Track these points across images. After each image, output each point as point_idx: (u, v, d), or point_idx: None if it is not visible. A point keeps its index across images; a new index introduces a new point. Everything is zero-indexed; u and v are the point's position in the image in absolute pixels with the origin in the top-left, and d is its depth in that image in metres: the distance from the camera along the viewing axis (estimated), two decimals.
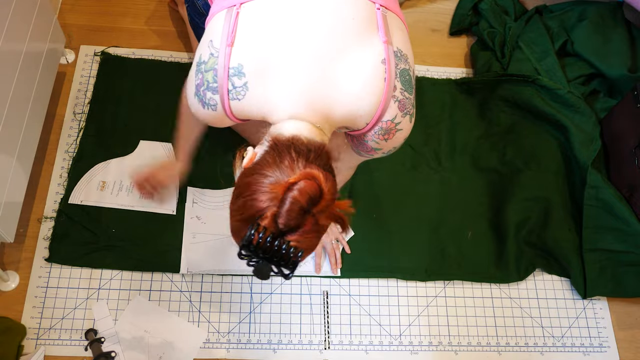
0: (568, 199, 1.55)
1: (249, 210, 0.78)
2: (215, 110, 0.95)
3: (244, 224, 0.79)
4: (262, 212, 0.77)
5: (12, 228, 1.25)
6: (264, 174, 0.79)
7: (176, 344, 1.29)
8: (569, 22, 1.80)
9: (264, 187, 0.78)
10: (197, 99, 0.96)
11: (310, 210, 0.76)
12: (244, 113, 0.94)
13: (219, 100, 0.93)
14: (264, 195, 0.77)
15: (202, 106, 0.96)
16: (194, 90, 0.96)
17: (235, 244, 0.84)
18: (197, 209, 1.45)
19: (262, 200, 0.77)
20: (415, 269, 1.44)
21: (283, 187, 0.76)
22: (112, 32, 1.69)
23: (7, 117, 1.18)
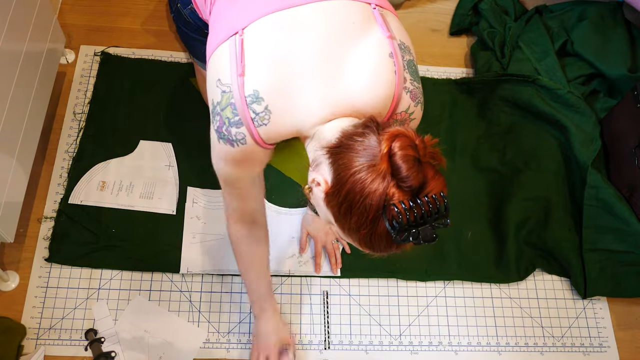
0: (568, 199, 1.55)
1: (371, 206, 0.75)
2: (246, 143, 0.91)
3: (376, 222, 0.77)
4: (384, 194, 0.74)
5: (12, 228, 1.25)
6: (354, 172, 0.76)
7: (176, 344, 1.29)
8: (569, 22, 1.80)
9: (367, 178, 0.75)
10: (224, 141, 0.92)
11: (420, 159, 0.77)
12: (275, 136, 0.91)
13: (246, 132, 0.89)
14: (374, 183, 0.74)
15: (232, 145, 0.92)
16: (216, 136, 0.93)
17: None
18: (197, 209, 1.45)
19: (375, 188, 0.74)
20: (415, 269, 1.44)
21: (384, 160, 0.74)
22: (112, 32, 1.69)
23: (7, 117, 1.18)
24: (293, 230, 1.45)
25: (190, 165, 1.50)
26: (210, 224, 1.43)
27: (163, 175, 1.48)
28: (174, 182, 1.47)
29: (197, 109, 1.56)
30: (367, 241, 0.82)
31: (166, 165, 1.49)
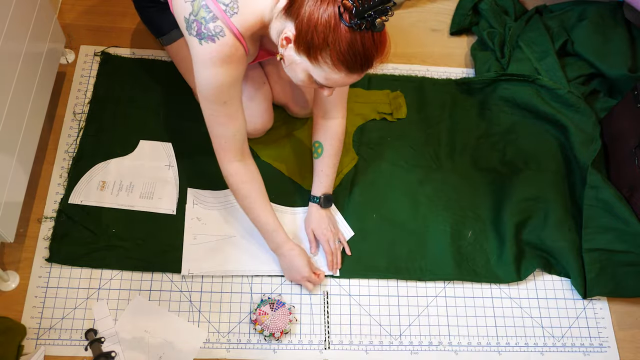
0: (568, 199, 1.55)
1: (329, 16, 0.94)
2: (225, 35, 1.06)
3: (337, 29, 0.94)
4: (335, 2, 0.93)
5: (12, 228, 1.25)
6: (305, 5, 0.97)
7: (176, 344, 1.29)
8: (569, 22, 1.80)
9: (317, 2, 0.95)
10: (205, 40, 1.07)
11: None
12: (247, 25, 1.07)
13: (222, 24, 1.06)
14: (324, 2, 0.94)
15: (213, 40, 1.06)
16: (197, 40, 1.07)
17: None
18: (197, 210, 1.44)
19: (327, 2, 0.94)
20: (415, 269, 1.44)
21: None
22: (112, 32, 1.69)
23: (7, 117, 1.18)
24: (294, 230, 1.45)
25: (190, 165, 1.50)
26: (211, 225, 1.43)
27: (163, 175, 1.48)
28: (174, 182, 1.47)
29: (197, 109, 1.55)
30: (339, 53, 0.97)
31: (166, 165, 1.49)
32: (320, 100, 1.36)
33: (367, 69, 1.02)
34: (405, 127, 1.64)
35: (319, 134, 1.40)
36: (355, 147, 1.59)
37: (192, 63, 1.13)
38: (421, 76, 1.74)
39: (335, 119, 1.38)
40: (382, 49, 1.00)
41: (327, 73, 1.02)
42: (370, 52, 0.98)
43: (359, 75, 1.03)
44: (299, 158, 1.54)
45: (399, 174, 1.56)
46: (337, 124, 1.38)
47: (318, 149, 1.40)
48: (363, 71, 1.02)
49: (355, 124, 1.62)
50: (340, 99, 1.35)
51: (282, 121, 1.59)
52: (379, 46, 0.99)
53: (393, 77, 1.73)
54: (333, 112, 1.37)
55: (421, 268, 1.44)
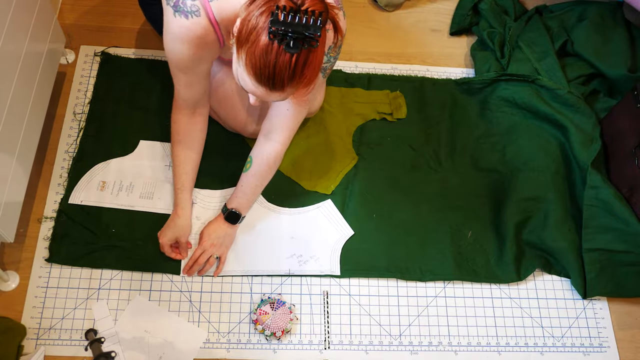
0: (568, 199, 1.55)
1: (257, 21, 0.92)
2: (199, 16, 1.08)
3: (260, 35, 0.93)
4: (269, 9, 0.91)
5: (12, 228, 1.25)
6: (248, 6, 0.95)
7: (176, 344, 1.29)
8: (569, 22, 1.80)
9: (256, 6, 0.93)
10: (179, 14, 1.08)
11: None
12: (224, 14, 1.08)
13: (199, 5, 1.07)
14: (260, 8, 0.92)
15: (186, 17, 1.08)
16: (172, 11, 1.09)
17: None
18: (196, 209, 1.44)
19: (260, 10, 0.92)
20: (415, 268, 1.44)
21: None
22: (112, 32, 1.69)
23: (7, 117, 1.18)
24: (292, 231, 1.45)
25: None
26: None
27: (163, 175, 1.48)
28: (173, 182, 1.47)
29: None
30: (252, 56, 0.95)
31: (166, 165, 1.49)
32: (269, 116, 1.31)
33: (276, 90, 0.98)
34: (405, 127, 1.64)
35: (254, 150, 1.35)
36: (355, 147, 1.59)
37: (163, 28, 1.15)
38: (421, 76, 1.74)
39: (274, 141, 1.31)
40: (298, 78, 0.96)
41: (242, 73, 0.99)
42: (281, 73, 0.94)
43: (267, 90, 0.99)
44: (298, 158, 1.54)
45: (399, 174, 1.56)
46: (273, 147, 1.32)
47: (247, 164, 1.36)
48: (271, 88, 0.98)
49: (355, 124, 1.62)
50: (287, 124, 1.29)
51: None
52: (294, 73, 0.95)
53: (393, 77, 1.73)
54: (274, 134, 1.31)
55: (421, 268, 1.44)
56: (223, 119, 1.50)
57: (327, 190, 1.51)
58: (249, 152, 1.37)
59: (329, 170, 1.53)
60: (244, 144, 1.53)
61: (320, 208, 1.48)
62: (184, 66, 1.20)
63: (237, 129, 1.50)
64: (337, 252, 1.43)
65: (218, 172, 1.48)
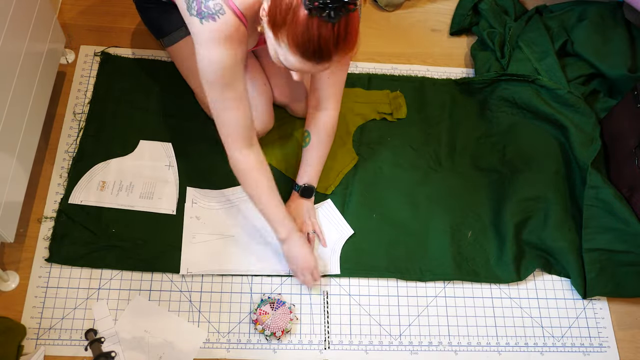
0: (568, 199, 1.55)
1: (293, 3, 0.93)
2: (225, 13, 1.06)
3: (297, 11, 0.93)
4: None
5: (12, 228, 1.25)
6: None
7: (176, 344, 1.29)
8: (569, 22, 1.80)
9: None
10: (205, 19, 1.06)
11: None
12: (247, 4, 1.07)
13: (221, 1, 1.06)
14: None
15: (213, 19, 1.06)
16: (198, 20, 1.07)
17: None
18: (196, 209, 1.44)
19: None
20: (415, 268, 1.44)
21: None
22: (112, 32, 1.69)
23: (7, 117, 1.18)
24: None
25: (190, 165, 1.50)
26: (210, 224, 1.43)
27: (163, 175, 1.48)
28: (174, 182, 1.47)
29: (197, 109, 1.56)
30: (294, 35, 0.95)
31: (166, 165, 1.49)
32: (313, 89, 1.35)
33: (324, 61, 1.00)
34: (405, 127, 1.64)
35: (309, 123, 1.40)
36: (355, 147, 1.59)
37: (195, 47, 1.12)
38: (421, 76, 1.74)
39: (326, 110, 1.37)
40: (343, 44, 0.98)
41: (285, 54, 1.01)
42: (327, 44, 0.96)
43: (314, 63, 1.00)
44: (299, 158, 1.54)
45: (399, 174, 1.56)
46: (327, 115, 1.37)
47: (306, 139, 1.40)
48: (319, 61, 1.00)
49: (355, 124, 1.62)
50: (333, 91, 1.34)
51: (283, 121, 1.59)
52: (339, 40, 0.96)
53: (393, 77, 1.73)
54: (325, 103, 1.35)
55: (421, 268, 1.44)
56: None
57: (327, 191, 1.51)
58: None
59: (329, 170, 1.53)
60: None
61: (320, 208, 1.48)
62: (227, 76, 1.13)
63: None
64: (337, 252, 1.43)
65: (218, 172, 1.48)
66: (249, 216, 1.44)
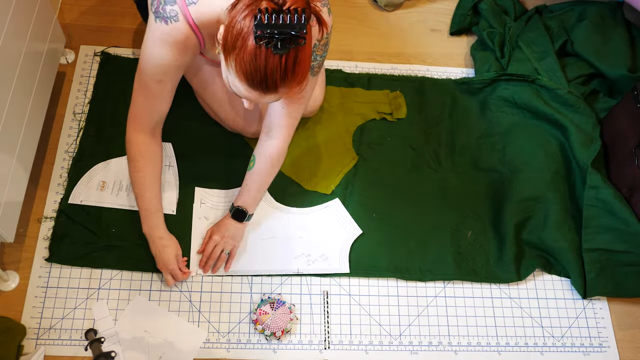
0: (568, 199, 1.55)
1: (243, 25, 0.92)
2: (178, 20, 1.08)
3: (247, 39, 0.92)
4: (252, 12, 0.90)
5: (12, 228, 1.25)
6: (232, 10, 0.94)
7: (176, 344, 1.29)
8: (569, 22, 1.80)
9: (239, 10, 0.92)
10: (159, 20, 1.09)
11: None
12: (203, 18, 1.08)
13: (178, 9, 1.07)
14: (244, 12, 0.92)
15: (166, 22, 1.09)
16: (154, 17, 1.10)
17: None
18: (205, 209, 1.44)
19: (244, 14, 0.92)
20: (415, 268, 1.44)
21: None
22: (112, 32, 1.69)
23: (7, 117, 1.18)
24: (301, 230, 1.44)
25: (190, 165, 1.50)
26: None
27: (163, 175, 1.48)
28: (174, 182, 1.47)
29: (197, 109, 1.56)
30: (242, 62, 0.94)
31: (166, 165, 1.49)
32: (268, 115, 1.31)
33: (269, 92, 0.98)
34: (405, 127, 1.64)
35: (257, 149, 1.35)
36: (355, 147, 1.59)
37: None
38: (421, 76, 1.74)
39: (275, 139, 1.31)
40: (290, 76, 0.96)
41: (234, 80, 0.99)
42: (272, 74, 0.94)
43: (261, 93, 0.99)
44: (299, 158, 1.54)
45: (399, 174, 1.56)
46: (274, 145, 1.32)
47: (251, 163, 1.36)
48: (265, 92, 0.98)
49: (355, 124, 1.62)
50: (285, 122, 1.30)
51: None
52: (286, 72, 0.95)
53: (393, 77, 1.73)
54: (274, 131, 1.31)
55: (421, 268, 1.44)
56: (223, 120, 1.50)
57: (327, 190, 1.51)
58: (251, 151, 1.37)
59: (329, 170, 1.53)
60: (246, 144, 1.53)
61: (328, 207, 1.48)
62: (161, 74, 1.17)
63: (237, 130, 1.51)
64: (345, 251, 1.43)
65: (223, 173, 1.48)
66: (257, 216, 1.44)
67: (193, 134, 1.54)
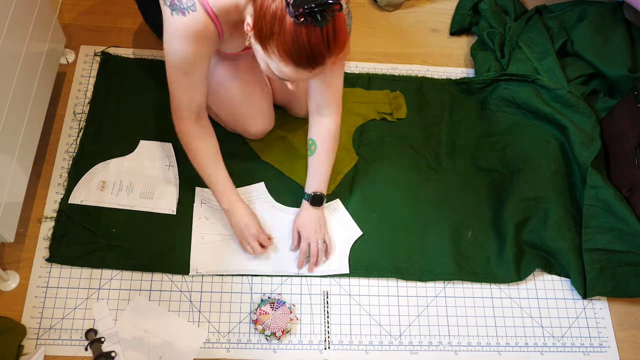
0: (568, 199, 1.55)
1: (276, 7, 0.91)
2: (196, 10, 1.07)
3: (283, 20, 0.92)
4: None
5: (12, 228, 1.25)
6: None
7: (176, 344, 1.29)
8: (569, 22, 1.80)
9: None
10: (176, 12, 1.07)
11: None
12: (220, 5, 1.07)
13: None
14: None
15: (184, 14, 1.07)
16: (169, 10, 1.08)
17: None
18: (205, 209, 1.44)
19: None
20: (415, 268, 1.44)
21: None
22: (112, 32, 1.69)
23: (7, 117, 1.18)
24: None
25: (190, 165, 1.49)
26: (219, 224, 1.43)
27: (163, 175, 1.48)
28: (174, 182, 1.47)
29: None
30: (284, 45, 0.94)
31: (166, 165, 1.49)
32: (312, 95, 1.33)
33: (317, 66, 0.98)
34: (405, 127, 1.64)
35: (312, 131, 1.37)
36: (355, 147, 1.59)
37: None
38: (421, 76, 1.74)
39: (327, 115, 1.33)
40: (334, 46, 0.96)
41: (277, 64, 0.99)
42: (318, 48, 0.94)
43: (309, 71, 0.99)
44: (299, 158, 1.54)
45: (399, 174, 1.56)
46: (329, 122, 1.34)
47: (311, 147, 1.37)
48: (313, 67, 0.98)
49: (355, 124, 1.62)
50: (331, 95, 1.31)
51: (283, 122, 1.59)
52: (330, 43, 0.95)
53: (393, 77, 1.73)
54: (325, 109, 1.32)
55: (421, 268, 1.44)
56: (224, 121, 1.50)
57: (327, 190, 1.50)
58: (252, 151, 1.37)
59: None
60: (246, 144, 1.53)
61: (328, 208, 1.48)
62: (187, 66, 1.17)
63: (238, 130, 1.50)
64: (345, 252, 1.43)
65: None
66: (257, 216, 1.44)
67: None
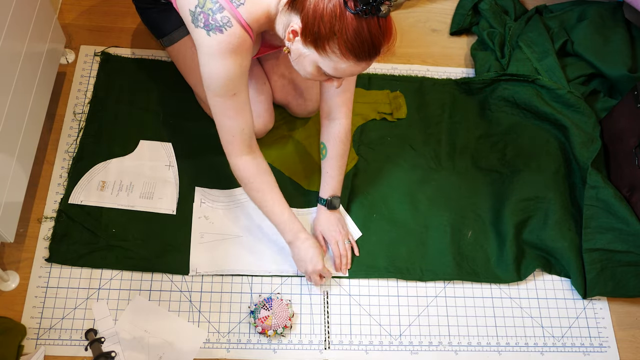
0: (568, 199, 1.55)
1: (334, 6, 0.95)
2: (232, 26, 1.07)
3: (343, 16, 0.96)
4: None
5: (12, 228, 1.25)
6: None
7: (176, 344, 1.29)
8: (569, 22, 1.80)
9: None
10: (213, 32, 1.08)
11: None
12: (253, 17, 1.09)
13: (229, 14, 1.07)
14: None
15: (221, 31, 1.07)
16: (205, 32, 1.08)
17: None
18: (204, 208, 1.44)
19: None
20: (415, 268, 1.43)
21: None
22: (112, 32, 1.69)
23: (7, 117, 1.18)
24: None
25: (190, 165, 1.50)
26: (219, 223, 1.43)
27: (163, 175, 1.48)
28: (174, 182, 1.47)
29: (197, 109, 1.56)
30: (346, 42, 0.98)
31: (166, 165, 1.49)
32: (324, 100, 1.35)
33: (374, 56, 1.03)
34: (405, 127, 1.64)
35: (323, 135, 1.40)
36: (355, 147, 1.59)
37: (198, 57, 1.13)
38: (421, 76, 1.74)
39: (337, 119, 1.37)
40: (388, 35, 1.02)
41: (335, 63, 1.03)
42: (377, 39, 1.00)
43: (367, 63, 1.04)
44: (299, 158, 1.54)
45: (399, 174, 1.56)
46: (339, 125, 1.37)
47: (323, 151, 1.40)
48: (371, 59, 1.03)
49: (355, 124, 1.62)
50: (343, 99, 1.34)
51: (283, 121, 1.59)
52: (385, 32, 1.00)
53: (393, 77, 1.73)
54: (335, 112, 1.36)
55: (421, 268, 1.44)
56: None
57: None
58: None
59: None
60: None
61: None
62: (233, 85, 1.14)
63: None
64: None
65: (223, 173, 1.48)
66: (256, 216, 1.44)
67: (193, 133, 1.54)
